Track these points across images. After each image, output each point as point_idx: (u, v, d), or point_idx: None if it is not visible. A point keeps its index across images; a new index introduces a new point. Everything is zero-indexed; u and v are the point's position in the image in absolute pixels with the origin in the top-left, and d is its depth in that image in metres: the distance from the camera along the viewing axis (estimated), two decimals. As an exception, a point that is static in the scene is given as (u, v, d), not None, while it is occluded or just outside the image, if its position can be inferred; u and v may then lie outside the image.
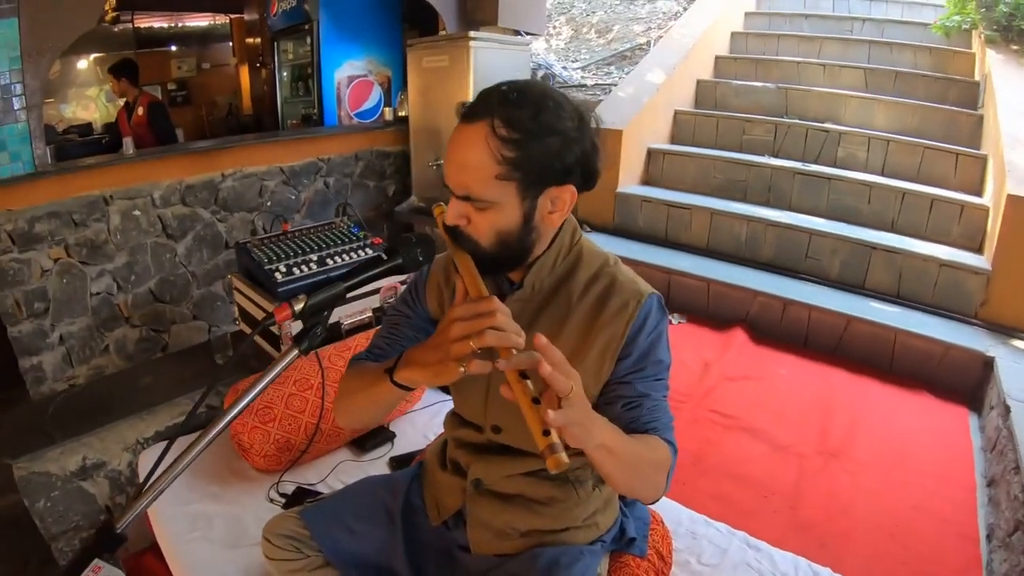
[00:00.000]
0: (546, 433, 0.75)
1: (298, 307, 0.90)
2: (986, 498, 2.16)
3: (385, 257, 1.01)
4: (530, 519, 1.23)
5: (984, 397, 2.63)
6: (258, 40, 7.46)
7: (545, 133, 0.94)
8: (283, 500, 1.77)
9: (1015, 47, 4.35)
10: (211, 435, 0.87)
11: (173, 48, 8.09)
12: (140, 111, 4.45)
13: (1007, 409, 2.27)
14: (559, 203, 1.01)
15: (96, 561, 0.81)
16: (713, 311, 3.40)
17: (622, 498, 1.40)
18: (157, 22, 7.83)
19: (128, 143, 3.72)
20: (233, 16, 7.97)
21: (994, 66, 4.05)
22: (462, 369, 0.86)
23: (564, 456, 0.74)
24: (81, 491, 2.24)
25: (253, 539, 1.55)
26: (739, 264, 3.64)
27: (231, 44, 8.32)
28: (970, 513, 2.07)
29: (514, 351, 0.82)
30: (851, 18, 5.74)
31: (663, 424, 1.05)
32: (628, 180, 4.35)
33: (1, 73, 2.97)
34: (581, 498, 1.23)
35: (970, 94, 4.27)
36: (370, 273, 1.00)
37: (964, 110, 4.10)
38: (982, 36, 4.49)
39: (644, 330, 1.07)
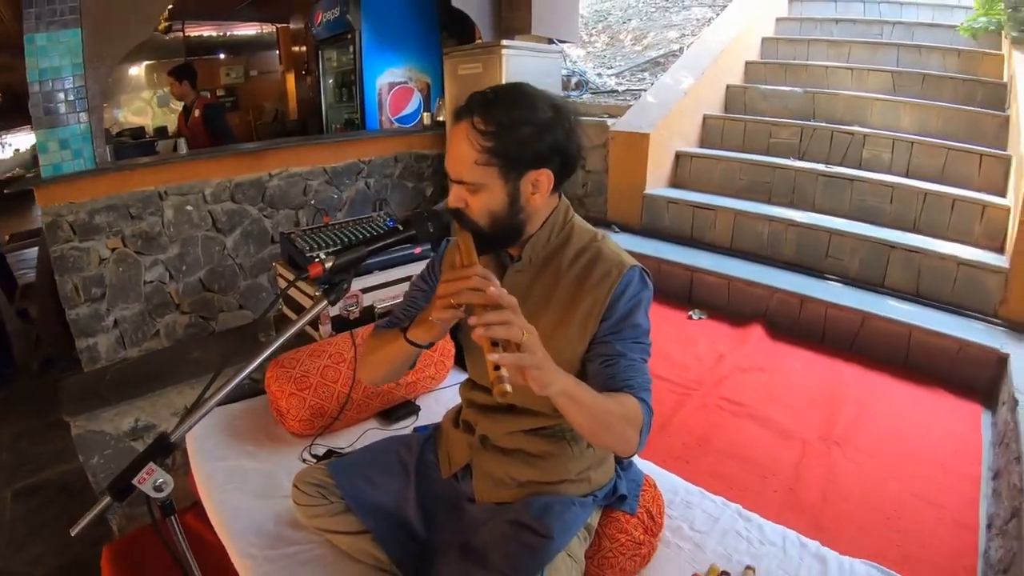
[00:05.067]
0: (496, 368, 0.93)
1: (328, 264, 1.08)
2: (990, 490, 2.19)
3: (401, 228, 1.18)
4: (528, 471, 1.38)
5: (998, 394, 2.65)
6: (303, 48, 7.75)
7: (517, 125, 1.13)
8: (314, 460, 1.94)
9: None
10: (252, 365, 1.04)
11: (221, 56, 8.45)
12: (197, 113, 4.73)
13: (1015, 402, 2.31)
14: (539, 185, 1.19)
15: (150, 464, 0.97)
16: (733, 308, 3.48)
17: (618, 461, 1.54)
18: (207, 31, 8.23)
19: (181, 143, 3.98)
20: (279, 25, 8.32)
21: (1020, 66, 4.04)
22: (432, 318, 1.11)
23: (508, 387, 0.92)
24: (131, 450, 2.47)
25: (284, 492, 1.71)
26: (760, 263, 3.71)
27: (277, 52, 8.66)
28: (972, 504, 2.11)
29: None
30: (881, 22, 5.74)
31: (638, 384, 1.18)
32: (656, 183, 4.45)
33: (65, 78, 3.22)
34: (575, 454, 1.38)
35: (998, 95, 4.26)
36: (387, 241, 1.17)
37: (990, 111, 4.09)
38: (1009, 37, 4.48)
39: (624, 296, 1.22)
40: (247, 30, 8.55)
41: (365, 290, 2.55)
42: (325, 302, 1.09)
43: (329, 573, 1.50)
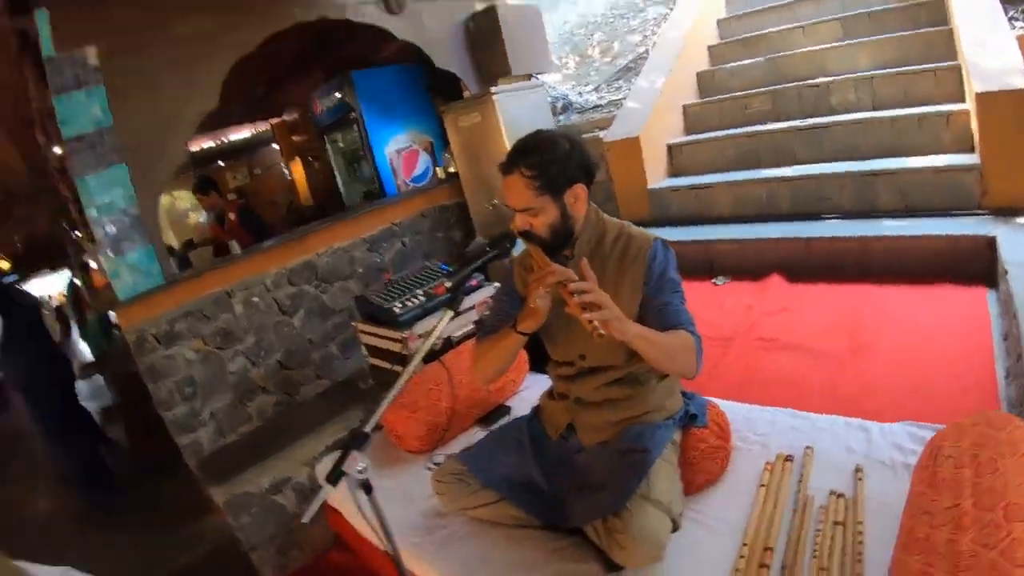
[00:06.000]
0: (590, 323, 1.41)
1: (448, 284, 1.53)
2: (1003, 351, 2.51)
3: (489, 249, 1.64)
4: (617, 413, 1.80)
5: (996, 273, 2.96)
6: (303, 137, 8.13)
7: (549, 162, 1.62)
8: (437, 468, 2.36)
9: None
10: (411, 366, 1.45)
11: (221, 163, 9.00)
12: (232, 216, 5.22)
13: (1005, 273, 2.66)
14: (578, 197, 1.69)
15: (353, 452, 1.29)
16: (749, 267, 3.84)
17: (684, 393, 1.96)
18: (205, 143, 8.73)
19: (234, 245, 4.47)
20: (273, 121, 8.75)
21: None
22: (539, 302, 1.59)
23: (601, 331, 1.40)
24: (274, 504, 2.92)
25: (420, 497, 2.17)
26: (764, 221, 4.09)
27: (276, 146, 9.14)
28: (988, 364, 2.44)
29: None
30: None
31: (684, 320, 1.64)
32: (655, 177, 4.84)
33: (121, 209, 3.55)
34: (648, 390, 1.80)
35: (940, 11, 4.58)
36: (485, 258, 1.66)
37: (935, 28, 4.41)
38: None
39: (656, 260, 1.67)
40: (242, 133, 9.07)
41: (422, 334, 2.98)
42: (450, 312, 1.52)
43: (481, 540, 1.91)
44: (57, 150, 4.89)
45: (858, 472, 1.75)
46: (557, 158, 1.62)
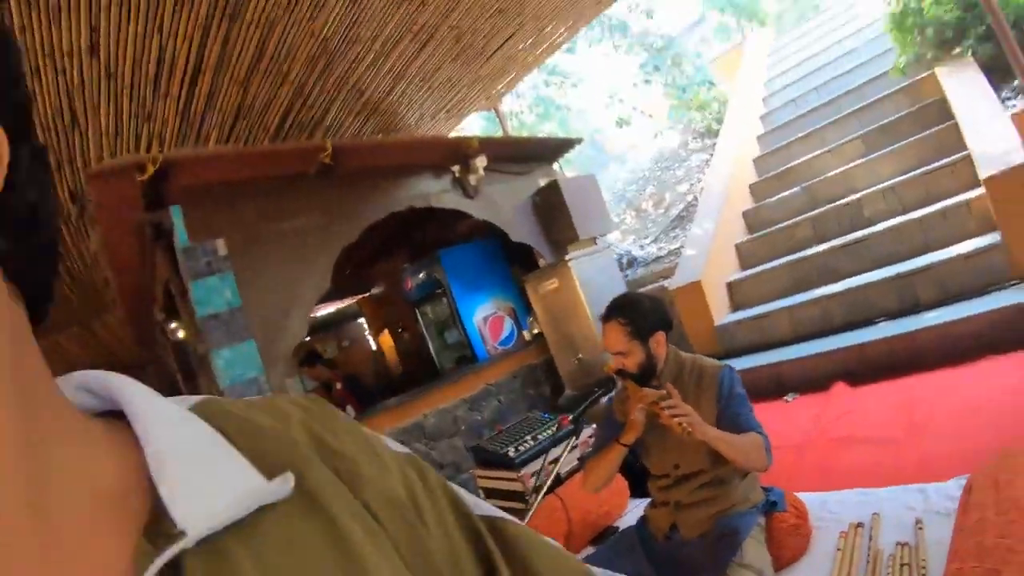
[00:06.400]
0: (680, 426, 1.86)
1: (570, 416, 2.03)
2: None
3: (597, 390, 2.17)
4: (711, 508, 2.22)
5: None
6: (392, 308, 8.63)
7: (638, 317, 2.19)
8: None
9: (956, 51, 5.36)
10: (544, 487, 1.92)
11: (308, 338, 9.54)
12: (339, 386, 5.73)
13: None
14: (660, 342, 2.23)
15: None
16: (814, 380, 4.14)
17: (764, 488, 2.36)
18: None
19: (349, 410, 5.04)
20: (360, 296, 9.41)
21: (944, 79, 5.01)
22: (637, 415, 2.05)
23: (689, 429, 1.87)
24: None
25: None
26: (822, 336, 4.46)
27: (363, 320, 9.79)
28: None
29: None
30: (836, 99, 6.83)
31: (753, 425, 2.12)
32: (719, 314, 5.27)
33: (251, 379, 3.87)
34: (733, 488, 2.23)
35: (945, 108, 5.04)
36: (599, 392, 2.19)
37: (943, 126, 4.89)
38: (930, 57, 5.49)
39: (725, 382, 2.20)
40: (329, 308, 9.61)
41: (534, 473, 3.43)
42: (575, 438, 2.02)
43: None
44: (172, 325, 5.54)
45: (918, 524, 2.09)
46: (643, 313, 2.19)
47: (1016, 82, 4.96)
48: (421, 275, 6.52)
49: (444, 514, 0.47)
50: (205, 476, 0.37)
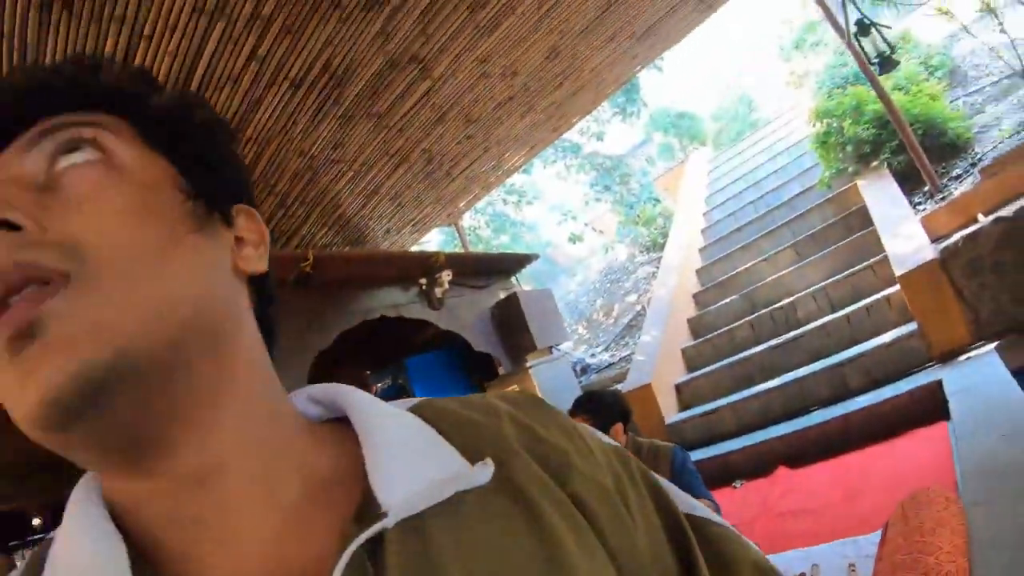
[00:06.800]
0: None
1: None
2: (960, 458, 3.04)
3: None
4: None
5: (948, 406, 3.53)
6: None
7: (598, 411, 2.55)
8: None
9: (874, 163, 6.11)
10: None
11: None
12: None
13: (946, 402, 3.46)
14: (617, 432, 2.56)
15: None
16: (759, 466, 4.40)
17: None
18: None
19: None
20: None
21: (863, 188, 5.75)
22: None
23: None
24: None
25: None
26: (764, 427, 4.76)
27: None
28: (950, 472, 2.99)
29: None
30: (770, 212, 7.55)
31: (705, 493, 2.48)
32: (669, 412, 5.52)
33: None
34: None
35: (865, 216, 5.63)
36: None
37: (864, 232, 5.46)
38: (850, 170, 6.23)
39: (678, 458, 2.59)
40: None
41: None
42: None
43: None
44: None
45: (851, 568, 2.40)
46: (606, 405, 2.58)
47: (926, 188, 5.68)
48: (386, 382, 6.69)
49: (646, 505, 0.48)
50: (411, 464, 0.41)
